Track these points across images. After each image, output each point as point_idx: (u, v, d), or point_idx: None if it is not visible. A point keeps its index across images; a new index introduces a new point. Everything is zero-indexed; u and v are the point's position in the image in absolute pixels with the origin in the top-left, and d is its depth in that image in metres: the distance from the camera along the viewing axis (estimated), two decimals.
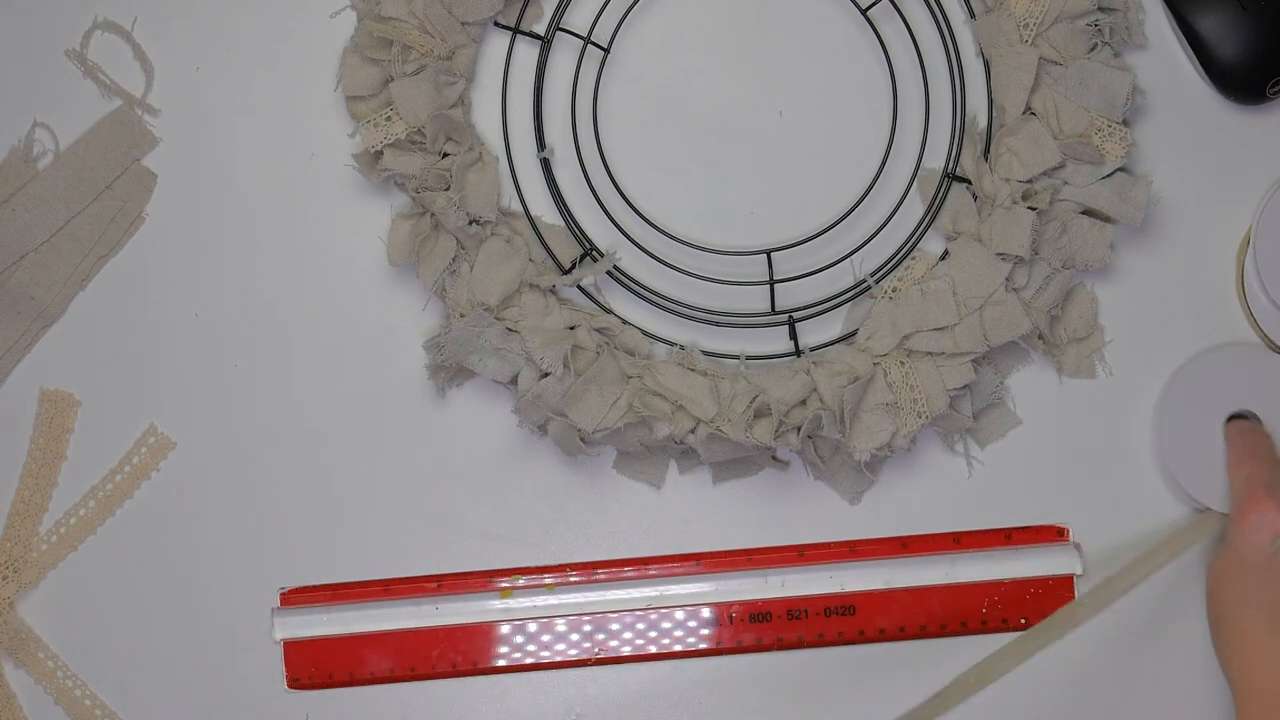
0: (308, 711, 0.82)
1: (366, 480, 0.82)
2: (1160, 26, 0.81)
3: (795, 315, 0.81)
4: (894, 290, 0.79)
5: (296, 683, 0.81)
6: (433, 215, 0.79)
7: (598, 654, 0.81)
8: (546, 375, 0.78)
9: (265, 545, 0.82)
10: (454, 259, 0.79)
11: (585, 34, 0.80)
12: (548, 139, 0.81)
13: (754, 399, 0.77)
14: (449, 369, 0.80)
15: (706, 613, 0.81)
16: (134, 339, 0.82)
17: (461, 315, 0.78)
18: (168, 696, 0.82)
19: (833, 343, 0.80)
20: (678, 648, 0.81)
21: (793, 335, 0.80)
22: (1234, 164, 0.81)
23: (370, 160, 0.79)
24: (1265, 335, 0.81)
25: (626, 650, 0.81)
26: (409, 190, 0.79)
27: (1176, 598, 0.81)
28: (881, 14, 0.80)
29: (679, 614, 0.81)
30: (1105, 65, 0.78)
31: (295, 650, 0.81)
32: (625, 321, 0.80)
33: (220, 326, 0.82)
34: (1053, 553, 0.81)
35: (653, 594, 0.81)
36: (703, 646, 0.81)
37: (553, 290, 0.80)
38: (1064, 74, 0.78)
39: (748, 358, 0.80)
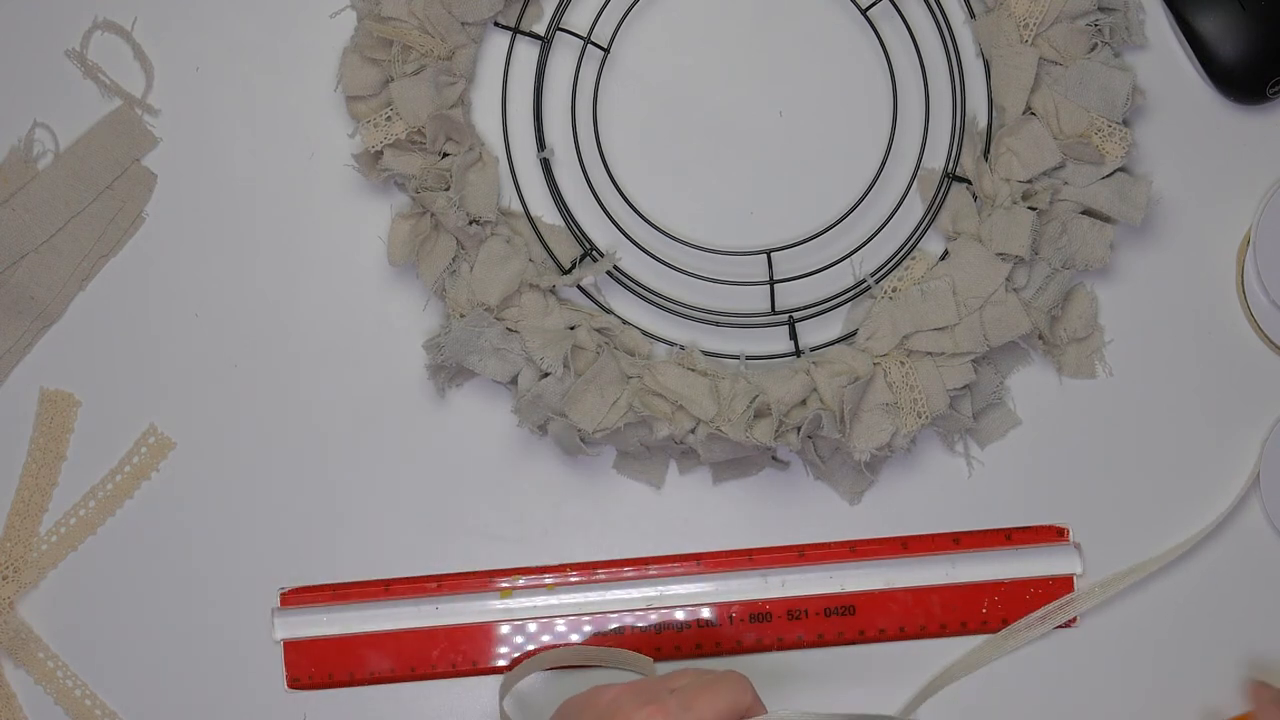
0: (305, 712, 0.82)
1: (366, 480, 0.82)
2: (1160, 26, 0.81)
3: (795, 315, 0.81)
4: (894, 290, 0.79)
5: (296, 683, 0.81)
6: (433, 215, 0.79)
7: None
8: (546, 375, 0.78)
9: (265, 545, 0.82)
10: (454, 259, 0.79)
11: (585, 34, 0.80)
12: (548, 139, 0.81)
13: (754, 399, 0.77)
14: (449, 369, 0.80)
15: (706, 613, 0.81)
16: (134, 339, 0.82)
17: (461, 315, 0.78)
18: (168, 696, 0.82)
19: (833, 343, 0.80)
20: (678, 648, 0.81)
21: (793, 335, 0.80)
22: (1234, 164, 0.81)
23: (370, 160, 0.79)
24: (1265, 335, 0.81)
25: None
26: (409, 190, 0.79)
27: (1179, 598, 0.82)
28: (881, 14, 0.80)
29: (679, 614, 0.81)
30: (1105, 65, 0.78)
31: (295, 650, 0.81)
32: (625, 321, 0.80)
33: (220, 326, 0.82)
34: (1053, 553, 0.81)
35: (653, 594, 0.81)
36: (703, 647, 0.81)
37: (553, 290, 0.80)
38: (1064, 74, 0.78)
39: (748, 358, 0.80)
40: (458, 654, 0.81)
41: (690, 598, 0.81)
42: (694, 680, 0.67)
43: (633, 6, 0.80)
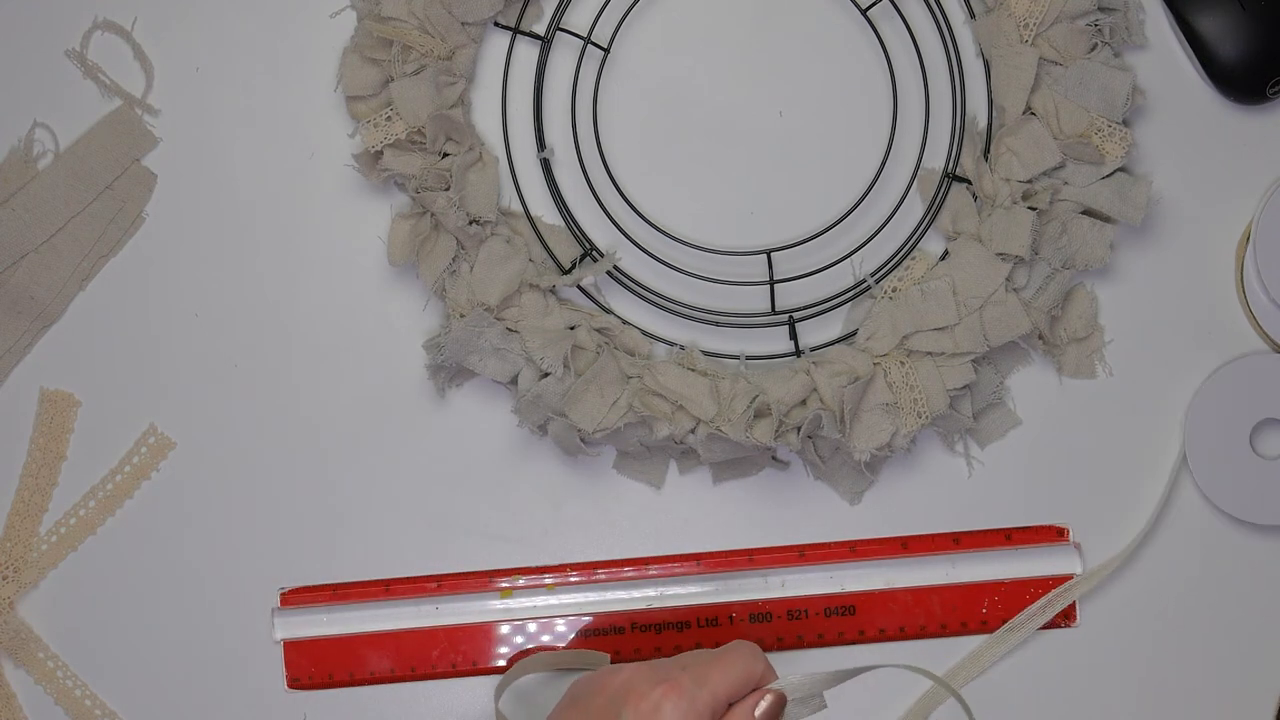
0: (305, 712, 0.82)
1: (366, 480, 0.82)
2: (1160, 26, 0.81)
3: (795, 315, 0.81)
4: (894, 290, 0.79)
5: (296, 683, 0.81)
6: (433, 215, 0.79)
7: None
8: (546, 375, 0.78)
9: (265, 545, 0.82)
10: (454, 259, 0.79)
11: (585, 34, 0.80)
12: (548, 139, 0.81)
13: (754, 399, 0.77)
14: (449, 369, 0.80)
15: (706, 613, 0.81)
16: (134, 339, 0.82)
17: (461, 315, 0.78)
18: (168, 696, 0.82)
19: (833, 343, 0.80)
20: (678, 648, 0.81)
21: (793, 335, 0.80)
22: (1234, 164, 0.81)
23: (370, 160, 0.79)
24: (1265, 334, 0.81)
25: None
26: (409, 190, 0.79)
27: (1179, 599, 0.82)
28: (881, 14, 0.80)
29: (679, 614, 0.81)
30: (1105, 65, 0.78)
31: (295, 650, 0.81)
32: (625, 321, 0.80)
33: (220, 326, 0.82)
34: (1053, 553, 0.81)
35: (653, 594, 0.81)
36: (703, 647, 0.81)
37: (553, 290, 0.80)
38: (1064, 74, 0.78)
39: (748, 358, 0.80)
40: (458, 654, 0.81)
41: (690, 598, 0.81)
42: (705, 655, 0.67)
43: (633, 6, 0.80)
